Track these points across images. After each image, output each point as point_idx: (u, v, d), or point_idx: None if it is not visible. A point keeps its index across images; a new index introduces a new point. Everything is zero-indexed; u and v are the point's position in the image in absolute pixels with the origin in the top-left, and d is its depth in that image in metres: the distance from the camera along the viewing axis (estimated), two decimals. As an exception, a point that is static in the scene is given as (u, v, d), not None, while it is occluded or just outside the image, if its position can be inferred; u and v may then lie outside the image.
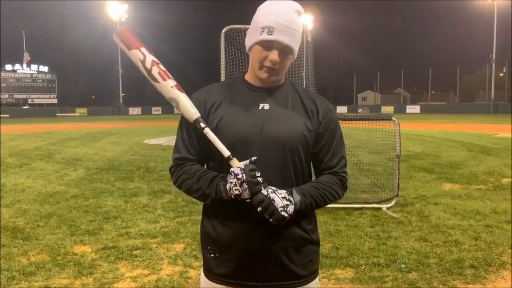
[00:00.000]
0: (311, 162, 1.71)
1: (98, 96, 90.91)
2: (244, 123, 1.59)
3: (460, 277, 3.80)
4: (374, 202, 6.25)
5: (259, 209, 1.47)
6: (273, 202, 1.46)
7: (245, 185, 1.46)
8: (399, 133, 6.28)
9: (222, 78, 6.79)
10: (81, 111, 62.43)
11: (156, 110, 66.60)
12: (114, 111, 63.25)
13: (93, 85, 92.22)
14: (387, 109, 60.11)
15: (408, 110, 60.00)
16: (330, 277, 3.82)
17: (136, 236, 4.95)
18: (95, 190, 7.51)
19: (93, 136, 19.98)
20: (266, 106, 1.63)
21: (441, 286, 3.66)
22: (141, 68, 1.67)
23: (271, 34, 1.54)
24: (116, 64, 66.44)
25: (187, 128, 1.66)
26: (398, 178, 6.33)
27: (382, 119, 6.67)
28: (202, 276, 1.73)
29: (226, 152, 1.53)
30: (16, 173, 9.41)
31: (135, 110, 64.86)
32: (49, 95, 66.92)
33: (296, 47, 1.59)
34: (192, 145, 1.66)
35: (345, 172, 1.72)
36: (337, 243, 4.66)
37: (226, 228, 1.63)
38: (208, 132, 1.56)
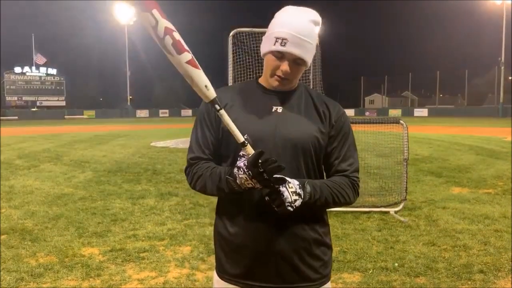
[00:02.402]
0: (323, 167, 1.70)
1: (106, 99, 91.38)
2: (257, 125, 1.60)
3: (469, 282, 3.77)
4: (381, 206, 6.21)
5: (266, 198, 1.45)
6: (281, 196, 1.44)
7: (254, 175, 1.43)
8: (407, 136, 6.23)
9: (230, 81, 6.81)
10: (89, 113, 62.91)
11: (164, 112, 66.91)
12: (122, 114, 63.64)
13: (101, 87, 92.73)
14: (395, 112, 59.88)
15: (416, 113, 59.71)
16: (337, 281, 3.81)
17: (143, 238, 4.97)
18: (103, 192, 7.55)
19: (101, 139, 20.10)
20: (279, 109, 1.64)
21: (449, 291, 3.64)
22: (153, 36, 1.44)
23: (284, 46, 1.54)
24: (124, 66, 66.96)
25: (202, 128, 1.67)
26: (406, 182, 6.29)
27: (390, 122, 6.61)
28: (215, 276, 1.74)
29: (240, 138, 1.48)
30: (24, 174, 9.49)
31: (142, 113, 65.24)
32: (57, 98, 67.57)
33: (309, 58, 1.59)
34: (206, 145, 1.66)
35: (357, 177, 1.70)
36: (344, 246, 4.64)
37: (237, 227, 1.63)
38: (223, 114, 1.48)
